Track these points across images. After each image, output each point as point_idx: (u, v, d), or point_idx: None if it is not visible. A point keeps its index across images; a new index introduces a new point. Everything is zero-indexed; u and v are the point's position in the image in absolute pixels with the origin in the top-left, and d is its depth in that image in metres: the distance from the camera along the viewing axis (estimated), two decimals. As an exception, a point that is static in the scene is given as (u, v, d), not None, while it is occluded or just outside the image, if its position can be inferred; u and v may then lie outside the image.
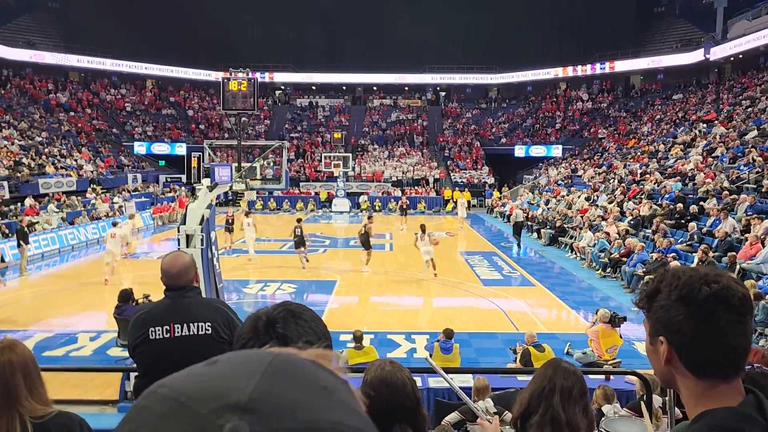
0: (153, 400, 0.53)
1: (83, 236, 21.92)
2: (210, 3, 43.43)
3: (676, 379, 1.18)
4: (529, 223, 25.92)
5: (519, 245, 21.89)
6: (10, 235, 18.86)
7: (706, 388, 1.14)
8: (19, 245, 16.63)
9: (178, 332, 2.95)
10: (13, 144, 29.48)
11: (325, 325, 1.26)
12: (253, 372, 0.55)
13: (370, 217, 18.48)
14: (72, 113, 40.37)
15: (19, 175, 26.00)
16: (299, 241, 16.76)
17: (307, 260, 17.13)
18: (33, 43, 41.39)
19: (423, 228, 15.89)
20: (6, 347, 2.02)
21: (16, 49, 39.49)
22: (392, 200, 35.07)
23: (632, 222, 18.46)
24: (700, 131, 26.64)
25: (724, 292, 1.12)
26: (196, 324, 2.98)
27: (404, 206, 27.91)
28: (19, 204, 23.04)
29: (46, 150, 31.31)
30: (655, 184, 21.55)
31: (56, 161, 30.41)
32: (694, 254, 13.80)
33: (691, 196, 18.53)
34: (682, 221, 16.81)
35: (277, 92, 50.31)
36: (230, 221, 20.81)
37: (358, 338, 8.51)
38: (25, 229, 17.30)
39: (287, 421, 0.50)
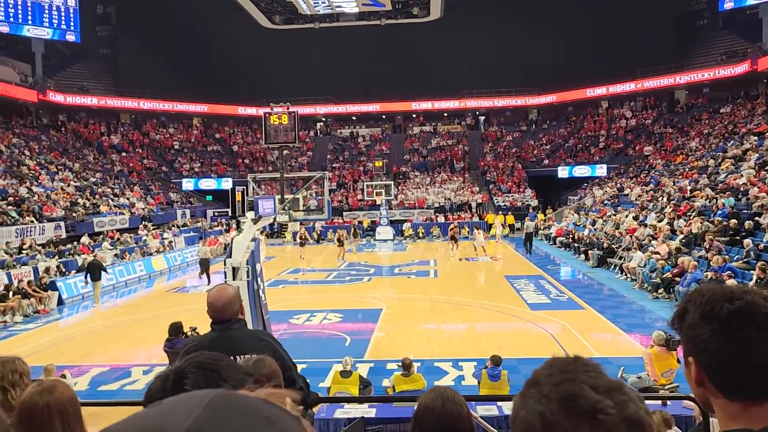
0: None
1: (135, 271, 22.55)
2: (251, 42, 44.78)
3: (711, 401, 1.13)
4: (576, 244, 25.55)
5: (529, 251, 26.23)
6: (67, 273, 19.68)
7: (737, 410, 1.08)
8: (93, 279, 17.51)
9: None
10: (69, 185, 30.85)
11: (245, 372, 1.19)
12: (193, 408, 0.56)
13: (453, 227, 27.40)
14: (124, 154, 42.07)
15: (75, 215, 27.12)
16: (340, 243, 25.65)
17: (344, 259, 24.80)
18: (86, 89, 43.51)
19: (478, 227, 28.45)
20: (45, 389, 2.00)
21: (70, 95, 41.66)
22: (435, 226, 35.01)
23: (684, 240, 17.88)
24: (751, 144, 25.79)
25: (748, 308, 1.08)
26: (242, 356, 3.03)
27: (455, 235, 26.51)
28: (75, 243, 24.01)
29: (100, 190, 32.61)
30: (706, 200, 20.88)
31: (110, 200, 31.62)
32: (751, 272, 13.26)
33: (745, 211, 17.86)
34: (737, 238, 16.21)
35: (319, 124, 51.25)
36: (303, 238, 27.18)
37: (406, 366, 8.42)
38: (99, 263, 18.33)
39: None
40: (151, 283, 22.04)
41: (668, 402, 6.12)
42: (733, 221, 16.91)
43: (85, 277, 17.66)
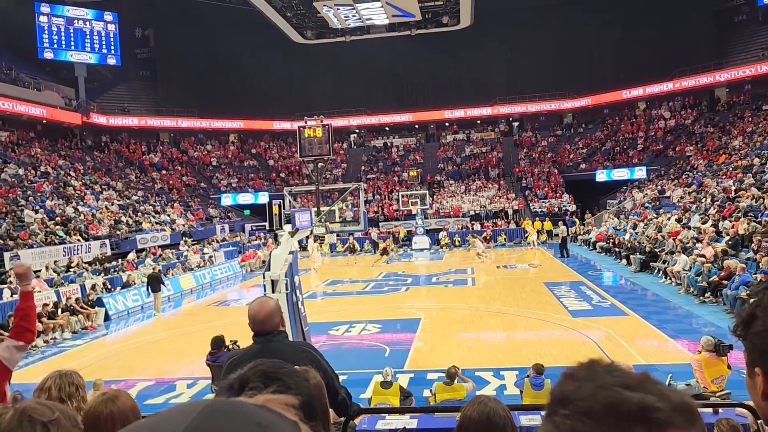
0: None
1: (177, 287, 22.97)
2: (283, 57, 45.43)
3: None
4: (617, 249, 25.04)
5: (567, 255, 27.03)
6: (113, 289, 20.23)
7: None
8: (153, 290, 18.81)
9: None
10: (113, 204, 31.73)
11: (305, 378, 1.20)
12: (188, 413, 0.61)
13: (474, 235, 29.27)
14: (164, 171, 43.11)
15: (119, 233, 27.86)
16: (383, 252, 27.67)
17: (387, 262, 27.03)
18: (127, 110, 44.84)
19: (475, 235, 29.55)
20: (109, 399, 2.09)
21: (112, 117, 43.02)
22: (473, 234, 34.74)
23: (730, 242, 17.34)
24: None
25: None
26: (284, 368, 3.06)
27: (488, 237, 29.95)
28: (120, 260, 24.65)
29: (142, 207, 33.44)
30: (752, 200, 20.23)
31: (151, 217, 32.39)
32: (804, 273, 12.77)
33: (794, 210, 17.24)
34: (787, 238, 15.63)
35: (352, 135, 51.60)
36: (352, 245, 30.85)
37: (450, 375, 8.36)
38: (160, 276, 19.48)
39: None
40: (179, 303, 22.41)
41: (720, 410, 5.91)
42: (782, 221, 16.34)
43: (147, 290, 19.13)
